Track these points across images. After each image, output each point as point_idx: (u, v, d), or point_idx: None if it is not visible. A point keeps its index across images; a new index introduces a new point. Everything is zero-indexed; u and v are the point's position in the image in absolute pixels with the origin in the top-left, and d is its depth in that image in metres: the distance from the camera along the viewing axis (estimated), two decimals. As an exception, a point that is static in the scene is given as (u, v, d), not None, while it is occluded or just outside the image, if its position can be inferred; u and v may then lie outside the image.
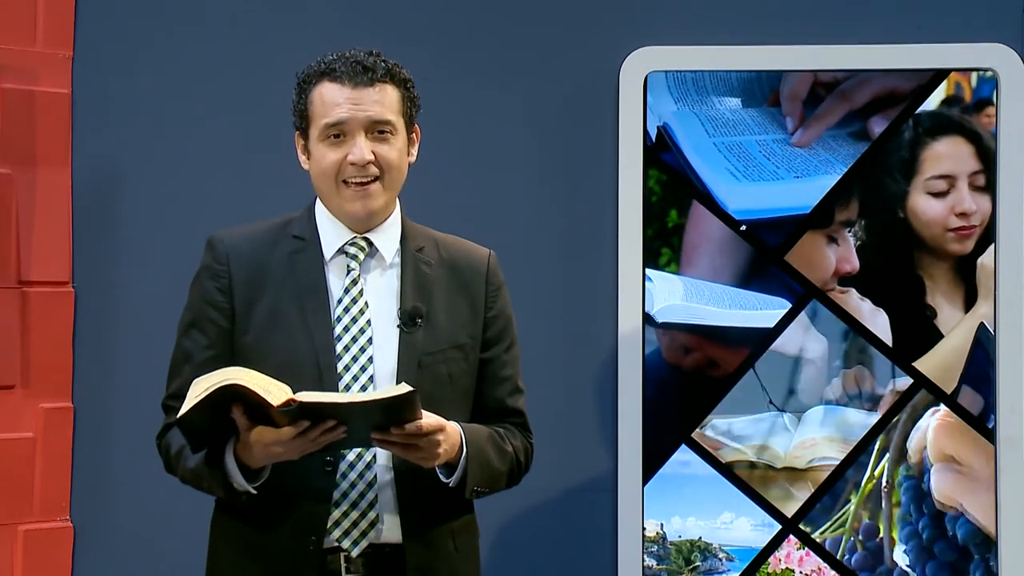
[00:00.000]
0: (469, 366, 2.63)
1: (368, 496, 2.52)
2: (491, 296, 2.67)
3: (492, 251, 2.72)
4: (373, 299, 2.59)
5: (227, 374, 2.41)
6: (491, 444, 2.60)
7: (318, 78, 2.58)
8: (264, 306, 2.58)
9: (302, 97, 2.60)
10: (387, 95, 2.57)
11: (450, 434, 2.50)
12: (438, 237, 2.69)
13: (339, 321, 2.56)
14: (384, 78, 2.57)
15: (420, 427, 2.43)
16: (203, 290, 2.61)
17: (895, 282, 3.67)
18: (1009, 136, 3.65)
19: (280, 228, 2.65)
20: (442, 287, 2.63)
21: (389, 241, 2.62)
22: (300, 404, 2.38)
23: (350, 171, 2.56)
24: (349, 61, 2.56)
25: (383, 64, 2.58)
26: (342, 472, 2.52)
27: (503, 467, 2.62)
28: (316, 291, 2.58)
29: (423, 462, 2.48)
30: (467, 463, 2.53)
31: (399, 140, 2.59)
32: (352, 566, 2.53)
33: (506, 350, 2.68)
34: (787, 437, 3.68)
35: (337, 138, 2.56)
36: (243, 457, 2.48)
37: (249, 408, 2.41)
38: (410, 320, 2.57)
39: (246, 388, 2.37)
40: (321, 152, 2.57)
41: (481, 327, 2.65)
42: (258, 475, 2.50)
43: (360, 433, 2.43)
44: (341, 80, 2.55)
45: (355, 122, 2.55)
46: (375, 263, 2.62)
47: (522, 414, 2.70)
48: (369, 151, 2.55)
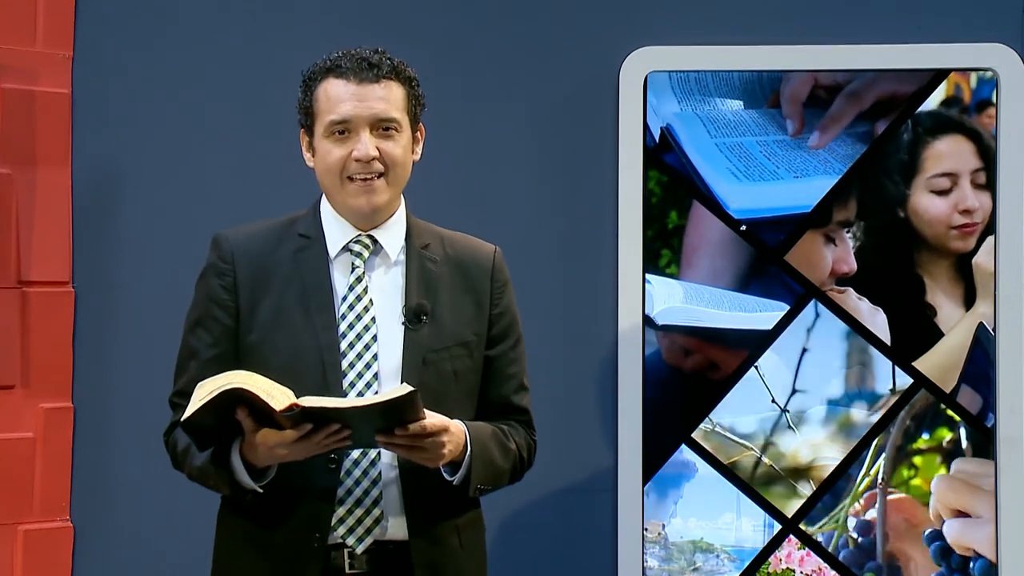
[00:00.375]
0: (474, 363, 2.63)
1: (372, 493, 2.52)
2: (496, 293, 2.67)
3: (498, 248, 2.72)
4: (378, 296, 2.59)
5: (230, 378, 2.41)
6: (495, 442, 2.60)
7: (323, 75, 2.58)
8: (269, 304, 2.58)
9: (307, 94, 2.60)
10: (392, 92, 2.57)
11: (454, 433, 2.50)
12: (443, 234, 2.69)
13: (343, 319, 2.56)
14: (389, 75, 2.57)
15: (424, 427, 2.43)
16: (208, 288, 2.61)
17: (894, 281, 3.68)
18: (1009, 136, 3.66)
19: (285, 226, 2.65)
20: (447, 284, 2.63)
21: (394, 238, 2.63)
22: (303, 409, 2.38)
23: (354, 167, 2.56)
24: (355, 58, 2.57)
25: (388, 61, 2.58)
26: (346, 469, 2.53)
27: (506, 465, 2.62)
28: (321, 289, 2.58)
29: (428, 462, 2.48)
30: (471, 461, 2.53)
31: (403, 137, 2.59)
32: (356, 563, 2.53)
33: (512, 347, 2.68)
34: (787, 437, 3.68)
35: (342, 134, 2.56)
36: (249, 457, 2.48)
37: (254, 410, 2.41)
38: (415, 317, 2.57)
39: (249, 392, 2.38)
40: (326, 148, 2.57)
41: (486, 324, 2.65)
42: (264, 474, 2.50)
43: (364, 435, 2.44)
44: (346, 76, 2.56)
45: (360, 118, 2.55)
46: (380, 260, 2.62)
47: (527, 412, 2.70)
48: (374, 147, 2.55)
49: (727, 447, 3.67)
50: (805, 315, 3.67)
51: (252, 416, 2.42)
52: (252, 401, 2.39)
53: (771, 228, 3.68)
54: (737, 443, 3.67)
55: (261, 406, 2.39)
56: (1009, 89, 3.65)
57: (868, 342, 3.67)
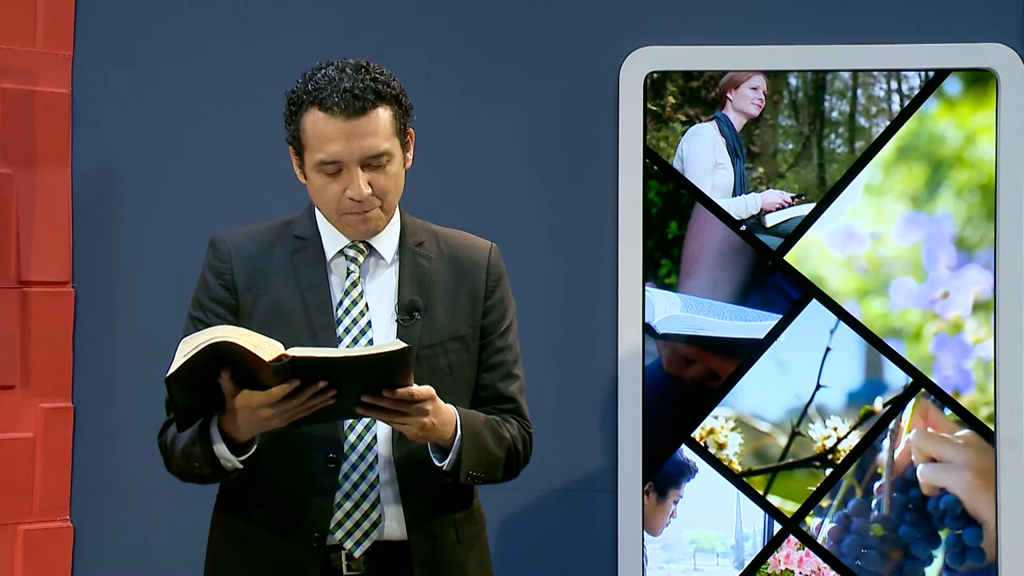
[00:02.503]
0: (470, 356, 2.63)
1: (370, 496, 2.52)
2: (491, 286, 2.67)
3: (494, 243, 2.72)
4: (373, 299, 2.59)
5: (216, 332, 2.38)
6: (488, 428, 2.58)
7: (308, 105, 2.52)
8: (266, 304, 2.58)
9: (293, 119, 2.56)
10: (380, 122, 2.52)
11: (441, 408, 2.48)
12: (438, 231, 2.69)
13: (339, 323, 2.57)
14: (375, 103, 2.51)
15: (412, 393, 2.41)
16: (208, 289, 2.61)
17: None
18: (1009, 136, 3.65)
19: (281, 228, 2.65)
20: (442, 280, 2.63)
21: (388, 243, 2.63)
22: (293, 358, 2.35)
23: (349, 204, 2.54)
24: (340, 90, 2.50)
25: (372, 85, 2.52)
26: (344, 473, 2.52)
27: (500, 453, 2.60)
28: (318, 290, 2.58)
29: (408, 431, 2.46)
30: (462, 444, 2.52)
31: (395, 162, 2.56)
32: (353, 564, 2.53)
33: (500, 336, 2.66)
34: (788, 437, 3.68)
35: (333, 172, 2.53)
36: (228, 428, 2.46)
37: (237, 373, 2.39)
38: (407, 313, 2.57)
39: (237, 345, 2.34)
40: (319, 183, 2.55)
41: (480, 316, 2.65)
42: (245, 449, 2.48)
43: (350, 397, 2.40)
44: (332, 112, 2.50)
45: (350, 158, 2.52)
46: (374, 263, 2.62)
47: (515, 400, 2.67)
48: (366, 184, 2.52)
49: (728, 447, 3.67)
50: (805, 315, 3.67)
51: (235, 379, 2.39)
52: (238, 358, 2.35)
53: (771, 229, 3.68)
54: (738, 443, 3.67)
55: (249, 362, 2.35)
56: (1009, 89, 3.65)
57: (868, 342, 3.67)
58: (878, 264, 3.69)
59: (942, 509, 3.65)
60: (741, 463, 3.67)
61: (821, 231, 3.68)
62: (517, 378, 2.69)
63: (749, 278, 3.68)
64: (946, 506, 3.65)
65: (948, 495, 3.65)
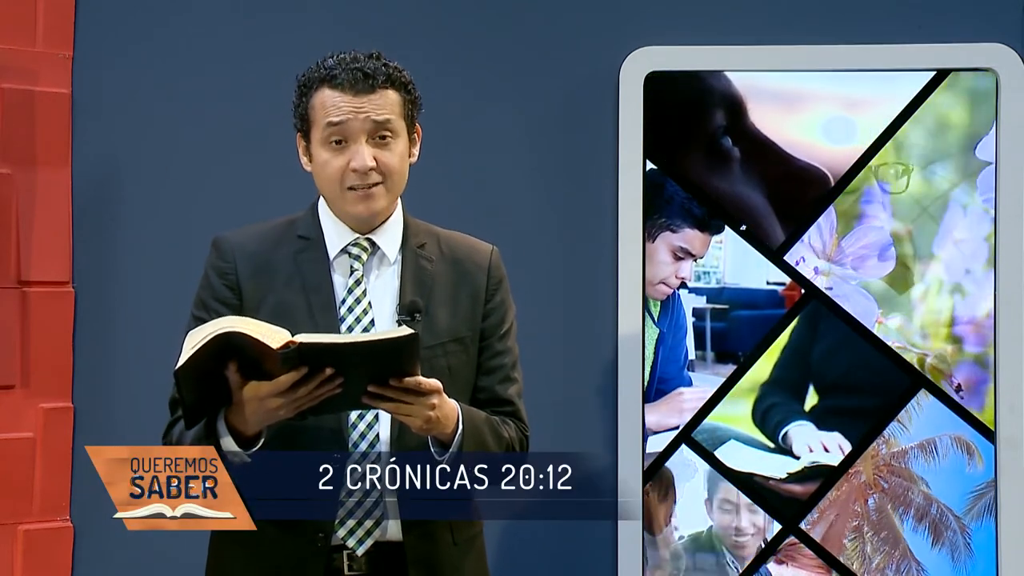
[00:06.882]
0: (469, 359, 2.64)
1: (373, 495, 2.52)
2: (492, 289, 2.67)
3: (495, 247, 2.72)
4: (376, 299, 2.60)
5: (221, 323, 2.38)
6: (488, 426, 2.59)
7: (319, 84, 2.57)
8: (271, 303, 2.59)
9: (302, 101, 2.60)
10: (388, 100, 2.57)
11: (445, 402, 2.48)
12: (440, 233, 2.70)
13: (343, 322, 2.57)
14: (385, 83, 2.56)
15: (419, 383, 2.41)
16: (211, 288, 2.62)
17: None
18: (1009, 136, 3.66)
19: (284, 228, 2.66)
20: (443, 282, 2.63)
21: (391, 240, 2.63)
22: (300, 345, 2.35)
23: (353, 177, 2.56)
24: (350, 68, 2.56)
25: (384, 68, 2.57)
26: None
27: (499, 450, 2.60)
28: (322, 289, 2.59)
29: (412, 422, 2.46)
30: (462, 439, 2.52)
31: (400, 144, 2.59)
32: (355, 564, 2.53)
33: (499, 339, 2.67)
34: (788, 437, 3.68)
35: (339, 144, 2.56)
36: (236, 422, 2.46)
37: (244, 364, 2.39)
38: (408, 314, 2.57)
39: (244, 335, 2.34)
40: (324, 158, 2.58)
41: (480, 319, 2.65)
42: (252, 443, 2.48)
43: (357, 387, 2.40)
44: (342, 87, 2.55)
45: (356, 128, 2.55)
46: (378, 263, 2.62)
47: (513, 403, 2.67)
48: (371, 157, 2.55)
49: (728, 446, 3.67)
50: (805, 315, 3.68)
51: (242, 371, 2.39)
52: (246, 348, 2.35)
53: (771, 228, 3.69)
54: (737, 442, 3.67)
55: (256, 350, 2.35)
56: (1009, 89, 3.65)
57: (868, 342, 3.68)
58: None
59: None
60: (741, 463, 3.68)
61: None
62: (515, 381, 2.70)
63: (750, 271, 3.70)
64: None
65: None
